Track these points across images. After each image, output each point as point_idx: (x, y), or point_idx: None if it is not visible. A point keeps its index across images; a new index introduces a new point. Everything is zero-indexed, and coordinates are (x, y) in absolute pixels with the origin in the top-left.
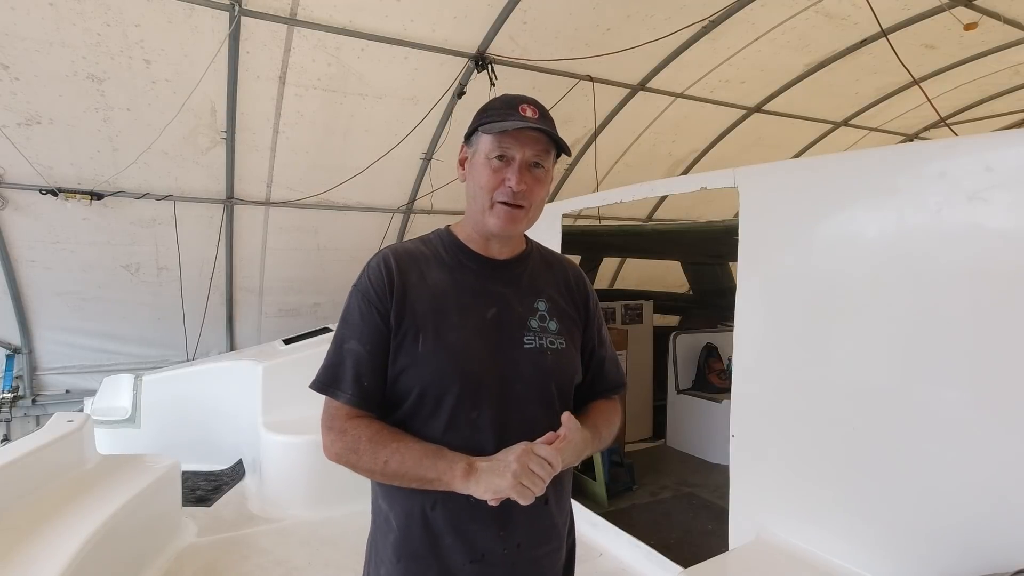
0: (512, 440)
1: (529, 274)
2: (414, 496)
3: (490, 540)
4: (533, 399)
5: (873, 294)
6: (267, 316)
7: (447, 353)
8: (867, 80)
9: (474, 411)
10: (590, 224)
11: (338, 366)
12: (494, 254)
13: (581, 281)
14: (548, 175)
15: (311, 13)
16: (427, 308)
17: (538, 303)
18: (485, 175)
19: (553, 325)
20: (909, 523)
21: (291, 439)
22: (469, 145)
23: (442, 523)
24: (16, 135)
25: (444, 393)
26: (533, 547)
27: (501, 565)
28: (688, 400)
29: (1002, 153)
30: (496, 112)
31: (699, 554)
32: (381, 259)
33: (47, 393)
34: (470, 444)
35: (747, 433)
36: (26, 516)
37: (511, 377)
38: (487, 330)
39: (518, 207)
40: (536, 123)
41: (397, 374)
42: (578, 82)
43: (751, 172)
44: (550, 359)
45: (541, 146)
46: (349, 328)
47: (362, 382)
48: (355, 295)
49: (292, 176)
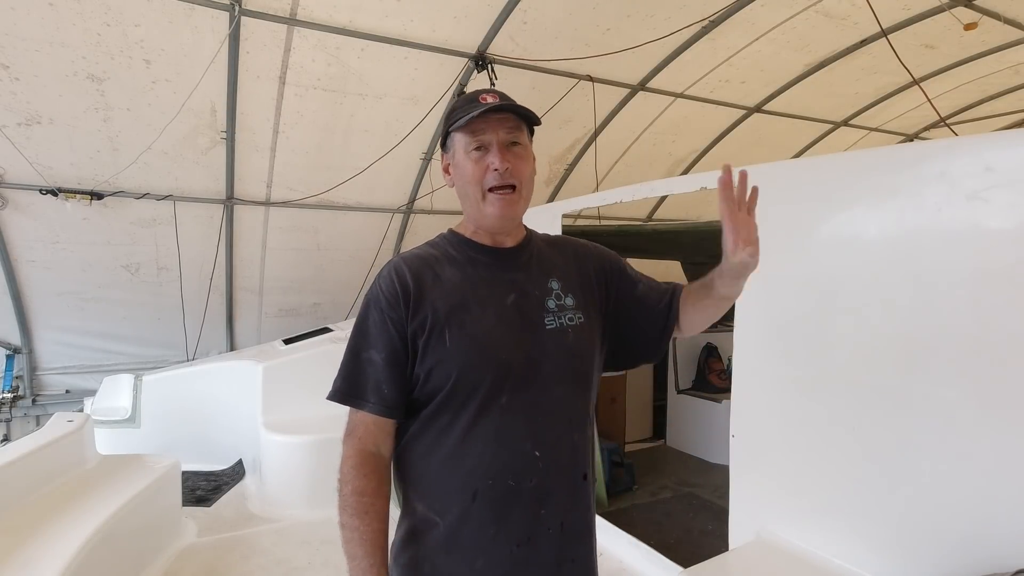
0: (543, 421)
1: (536, 257)
2: (454, 492)
3: (533, 522)
4: (561, 378)
5: (873, 294)
6: (267, 316)
7: (475, 345)
8: (867, 80)
9: (503, 396)
10: (590, 224)
11: (357, 376)
12: (501, 243)
13: (586, 248)
14: (528, 151)
15: (311, 13)
16: (447, 305)
17: (551, 282)
18: (469, 169)
19: (570, 300)
20: (909, 523)
21: (291, 439)
22: (447, 150)
23: (485, 512)
24: (16, 135)
25: (477, 384)
26: (579, 528)
27: (548, 549)
28: (688, 400)
29: (1002, 153)
30: (460, 110)
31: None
32: (392, 268)
33: (47, 393)
34: (502, 429)
35: (747, 433)
36: (26, 516)
37: (539, 359)
38: (509, 317)
39: (510, 188)
40: (499, 104)
41: (427, 372)
42: (578, 82)
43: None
44: (572, 337)
45: (511, 123)
46: (364, 339)
47: (382, 390)
48: (368, 306)
49: (292, 176)
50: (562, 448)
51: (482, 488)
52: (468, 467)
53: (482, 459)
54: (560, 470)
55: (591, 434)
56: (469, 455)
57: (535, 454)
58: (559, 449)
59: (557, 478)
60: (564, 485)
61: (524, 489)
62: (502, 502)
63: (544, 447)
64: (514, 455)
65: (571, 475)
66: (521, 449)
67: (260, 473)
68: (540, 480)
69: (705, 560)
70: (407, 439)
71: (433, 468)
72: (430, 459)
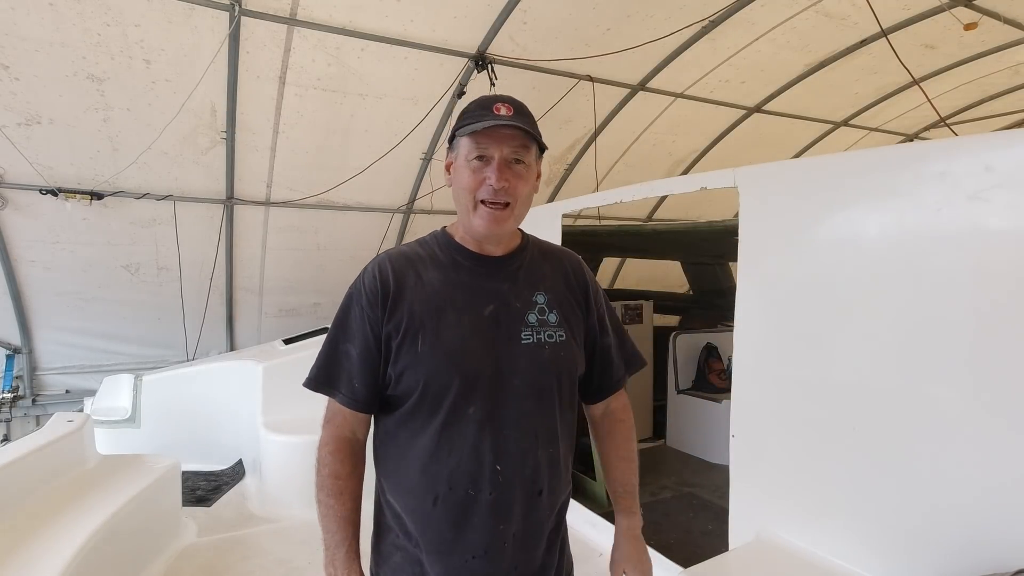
0: (507, 434)
1: (526, 268)
2: (418, 492)
3: (490, 534)
4: (529, 394)
5: (873, 294)
6: (267, 316)
7: (445, 352)
8: (867, 80)
9: (470, 407)
10: (590, 224)
11: (332, 366)
12: (489, 251)
13: (580, 270)
14: (530, 171)
15: (311, 13)
16: (425, 308)
17: (536, 296)
18: (466, 176)
19: (553, 317)
20: (909, 523)
21: (291, 439)
22: (452, 149)
23: (444, 518)
24: (16, 135)
25: (444, 391)
26: (525, 539)
27: (503, 560)
28: (688, 400)
29: (1002, 153)
30: (472, 115)
31: (699, 554)
32: (376, 265)
33: (47, 393)
34: (467, 439)
35: (747, 433)
36: (26, 516)
37: (507, 372)
38: (484, 327)
39: (502, 205)
40: (510, 120)
41: (399, 374)
42: (578, 82)
43: (751, 172)
44: (548, 353)
45: (518, 142)
46: (343, 331)
47: (354, 384)
48: (351, 299)
49: (292, 176)
50: (526, 463)
51: (442, 493)
52: (432, 472)
53: (445, 465)
54: (520, 484)
55: (564, 452)
56: (433, 460)
57: (496, 467)
58: (522, 464)
59: (516, 493)
60: (521, 499)
61: (483, 501)
62: (460, 510)
63: (505, 460)
64: (475, 465)
65: (528, 490)
66: (482, 460)
67: (260, 473)
68: (499, 494)
69: (705, 560)
70: (385, 435)
71: (403, 468)
72: (401, 459)
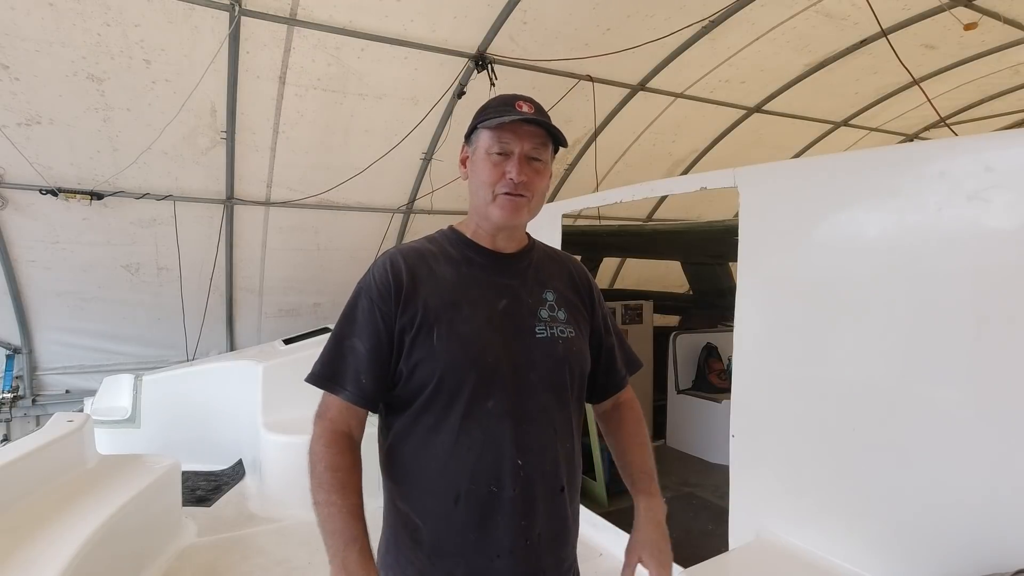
0: (528, 428)
1: (535, 266)
2: (437, 491)
3: (514, 532)
4: (546, 387)
5: (873, 294)
6: (267, 316)
7: (461, 345)
8: (867, 80)
9: (489, 400)
10: (590, 224)
11: (337, 362)
12: (500, 247)
13: (583, 274)
14: (546, 168)
15: (311, 13)
16: (439, 302)
17: (546, 294)
18: (486, 170)
19: (562, 315)
20: (909, 523)
21: (291, 439)
22: (469, 144)
23: (467, 516)
24: (16, 135)
25: (460, 384)
26: (552, 538)
27: (526, 560)
28: (688, 400)
29: (1002, 153)
30: (494, 109)
31: (699, 554)
32: (388, 259)
33: (47, 393)
34: (487, 433)
35: (747, 433)
36: (26, 516)
37: (525, 366)
38: (499, 321)
39: (520, 196)
40: (533, 116)
41: (412, 368)
42: (578, 82)
43: (751, 172)
44: (562, 347)
45: (539, 139)
46: (351, 326)
47: (361, 380)
48: (359, 293)
49: (292, 176)
50: (546, 458)
51: (464, 491)
52: (452, 469)
53: (465, 461)
54: (542, 480)
55: (577, 447)
56: (453, 457)
57: (518, 462)
58: (543, 458)
59: (539, 489)
60: (544, 496)
61: (506, 498)
62: (484, 508)
63: (528, 455)
64: (497, 460)
65: (551, 486)
66: (504, 455)
67: (260, 473)
68: (522, 490)
69: (705, 560)
70: (395, 437)
71: (419, 468)
72: (416, 459)
